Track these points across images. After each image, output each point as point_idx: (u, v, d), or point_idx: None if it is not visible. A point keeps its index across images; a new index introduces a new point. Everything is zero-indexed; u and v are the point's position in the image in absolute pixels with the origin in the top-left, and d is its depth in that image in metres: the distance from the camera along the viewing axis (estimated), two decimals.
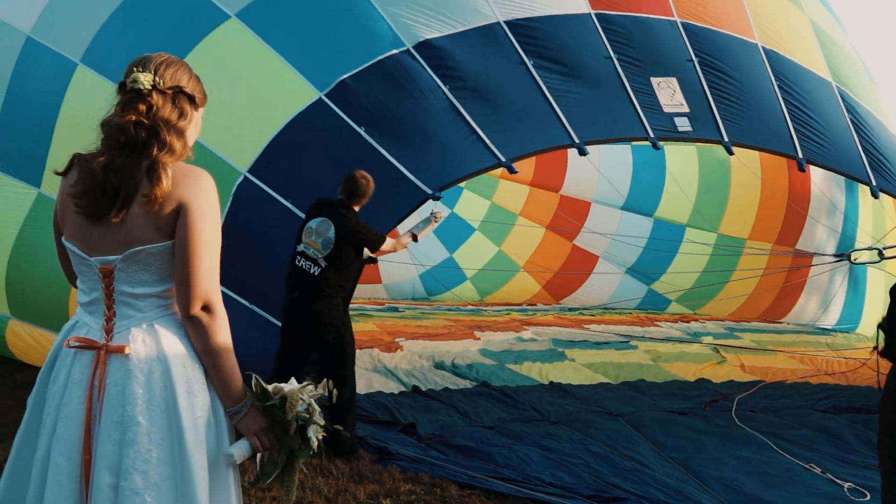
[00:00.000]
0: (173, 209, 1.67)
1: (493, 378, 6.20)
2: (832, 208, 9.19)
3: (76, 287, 1.82)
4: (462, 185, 10.95)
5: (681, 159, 9.43)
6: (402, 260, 10.77)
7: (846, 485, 3.92)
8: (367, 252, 4.23)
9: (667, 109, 5.07)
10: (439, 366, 6.61)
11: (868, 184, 5.31)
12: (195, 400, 1.69)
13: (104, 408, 1.66)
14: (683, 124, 5.00)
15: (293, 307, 3.98)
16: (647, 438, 4.63)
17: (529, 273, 11.22)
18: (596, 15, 5.34)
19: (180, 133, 1.74)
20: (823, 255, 6.60)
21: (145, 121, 1.69)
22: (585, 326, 9.67)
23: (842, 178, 8.86)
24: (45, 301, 4.73)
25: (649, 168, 9.52)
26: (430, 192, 4.46)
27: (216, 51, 4.77)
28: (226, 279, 4.61)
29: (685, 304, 10.50)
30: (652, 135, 4.94)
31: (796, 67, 5.85)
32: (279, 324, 4.21)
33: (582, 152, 4.80)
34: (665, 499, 3.66)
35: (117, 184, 1.67)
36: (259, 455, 1.76)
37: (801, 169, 5.22)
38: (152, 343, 1.69)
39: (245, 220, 4.54)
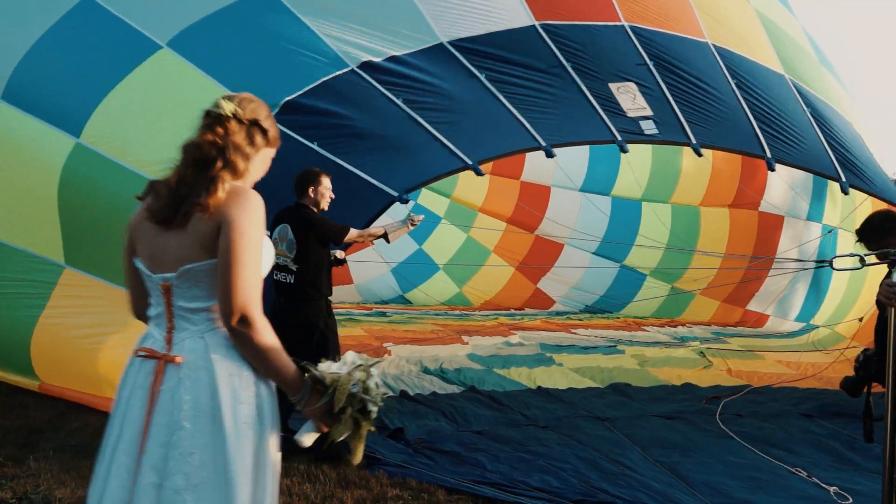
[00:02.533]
0: (217, 226, 1.81)
1: (481, 383, 6.19)
2: (795, 218, 9.30)
3: (136, 315, 2.02)
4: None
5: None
6: (371, 258, 10.85)
7: (832, 489, 3.93)
8: (336, 254, 4.22)
9: (630, 114, 5.01)
10: (427, 371, 6.59)
11: (837, 180, 5.26)
12: (240, 407, 1.81)
13: (157, 411, 1.80)
14: (649, 127, 4.95)
15: (277, 312, 3.97)
16: (635, 443, 4.63)
17: (501, 257, 11.22)
18: (541, 26, 5.24)
19: (246, 157, 1.92)
20: (805, 260, 6.63)
21: (219, 141, 1.88)
22: (573, 331, 9.70)
23: (809, 183, 9.02)
24: (104, 251, 4.58)
25: (604, 151, 9.58)
26: (395, 194, 4.35)
27: (151, 81, 4.66)
28: None
29: (660, 276, 10.56)
30: (619, 137, 4.85)
31: (750, 64, 5.77)
32: None
33: (549, 154, 4.69)
34: (652, 503, 3.65)
35: (185, 194, 1.83)
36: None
37: (771, 168, 5.15)
38: (202, 354, 1.83)
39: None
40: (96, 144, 4.58)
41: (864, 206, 7.36)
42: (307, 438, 1.88)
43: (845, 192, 5.30)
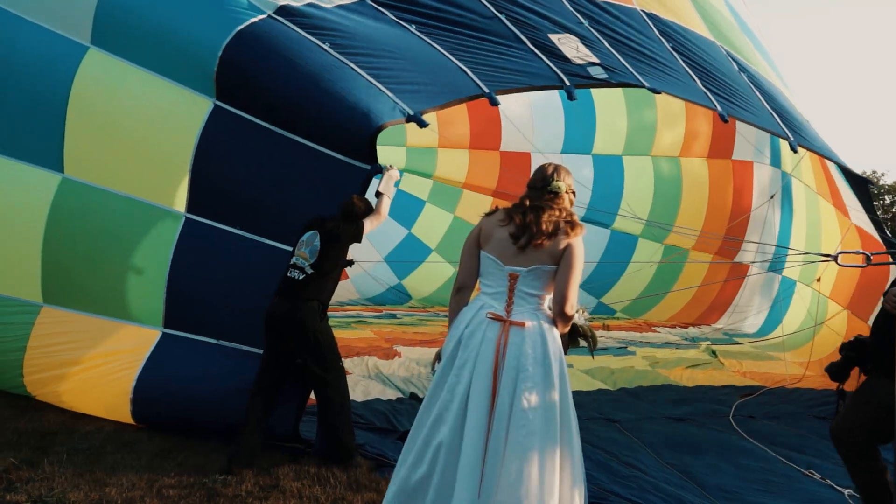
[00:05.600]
0: (564, 247, 2.85)
1: None
2: (766, 224, 9.23)
3: (461, 285, 3.01)
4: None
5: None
6: (360, 249, 10.90)
7: (846, 491, 3.90)
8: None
9: (576, 61, 4.69)
10: None
11: (787, 139, 5.22)
12: (558, 360, 2.81)
13: (507, 357, 2.76)
14: (598, 72, 4.69)
15: (271, 312, 3.99)
16: (646, 445, 4.61)
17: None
18: None
19: (568, 212, 3.00)
20: (809, 252, 6.59)
21: (561, 210, 2.97)
22: None
23: (776, 202, 8.96)
24: (89, 285, 4.53)
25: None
26: (366, 167, 4.08)
27: (95, 95, 4.43)
28: (189, 323, 4.32)
29: (650, 237, 10.49)
30: (567, 82, 4.51)
31: (682, 29, 5.65)
32: (256, 350, 4.17)
33: (493, 102, 4.25)
34: None
35: (534, 232, 2.89)
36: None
37: (724, 120, 4.98)
38: (536, 323, 2.82)
39: (198, 264, 4.31)
40: (82, 176, 4.49)
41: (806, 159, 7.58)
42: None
43: (794, 150, 5.30)
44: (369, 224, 4.15)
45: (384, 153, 11.10)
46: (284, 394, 4.04)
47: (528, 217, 2.88)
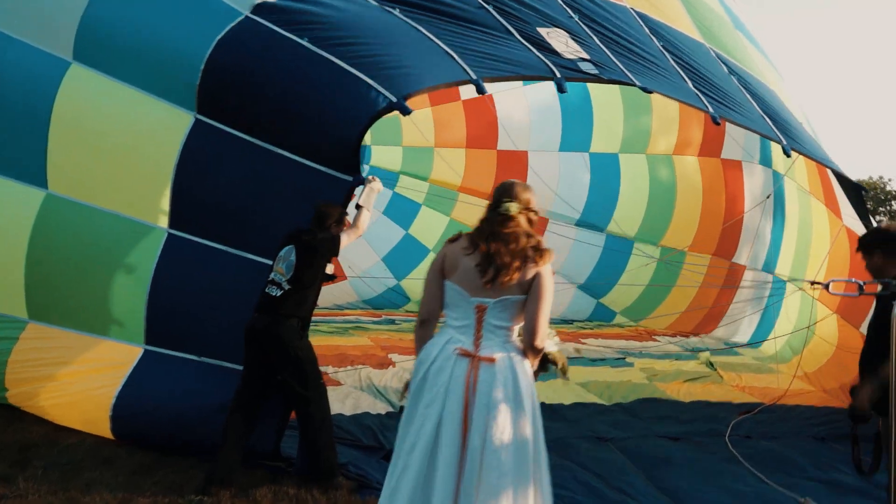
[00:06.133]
0: (532, 276, 2.72)
1: None
2: (759, 236, 9.14)
3: (424, 318, 2.83)
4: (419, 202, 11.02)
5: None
6: (359, 249, 10.88)
7: None
8: (329, 268, 4.14)
9: (566, 55, 4.51)
10: None
11: (779, 142, 5.08)
12: (529, 395, 2.70)
13: (477, 396, 2.62)
14: (589, 68, 4.50)
15: (250, 327, 3.91)
16: (638, 466, 4.51)
17: None
18: None
19: (528, 233, 2.82)
20: (797, 280, 6.48)
21: (508, 230, 2.80)
22: (582, 341, 9.56)
23: (768, 204, 8.84)
24: (72, 302, 4.45)
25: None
26: (349, 179, 3.96)
27: (76, 111, 4.35)
28: (170, 340, 4.23)
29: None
30: (558, 74, 4.29)
31: (671, 30, 5.49)
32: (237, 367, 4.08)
33: (480, 90, 4.06)
34: None
35: (499, 264, 2.74)
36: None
37: (716, 122, 4.86)
38: (506, 358, 2.68)
39: (182, 278, 4.23)
40: (65, 192, 4.41)
41: (799, 162, 7.48)
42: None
43: (787, 154, 5.17)
44: (346, 238, 4.05)
45: (381, 153, 11.12)
46: (265, 411, 3.95)
47: (492, 246, 2.73)
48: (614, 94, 9.42)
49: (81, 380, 4.38)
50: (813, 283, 3.49)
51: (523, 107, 9.74)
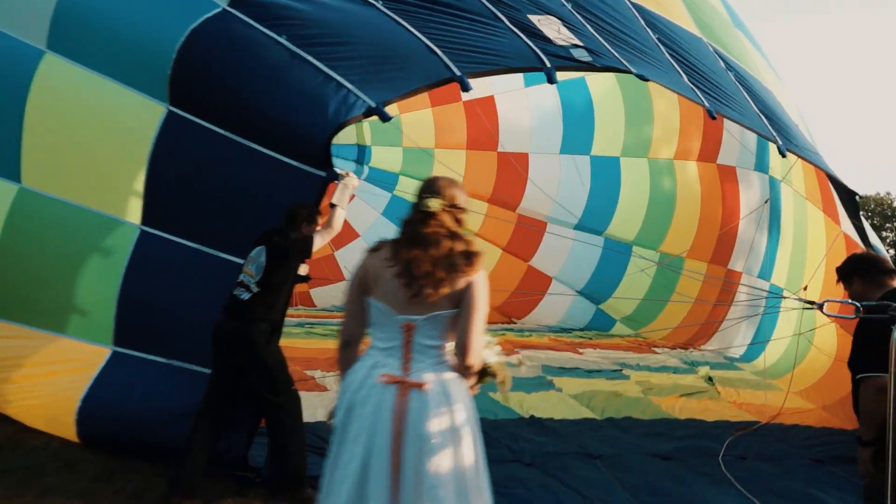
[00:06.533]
0: (463, 287, 2.37)
1: None
2: (754, 241, 8.97)
3: (346, 340, 2.49)
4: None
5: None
6: (357, 252, 10.75)
7: None
8: (303, 269, 3.97)
9: (558, 42, 4.28)
10: None
11: (775, 141, 4.89)
12: (468, 420, 2.38)
13: (408, 428, 2.30)
14: (581, 55, 4.28)
15: (217, 331, 3.74)
16: (625, 486, 4.31)
17: (485, 238, 11.05)
18: None
19: (455, 235, 2.45)
20: (790, 297, 6.28)
21: (442, 230, 2.44)
22: (580, 351, 9.38)
23: (763, 219, 8.67)
24: (41, 299, 4.31)
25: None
26: (321, 174, 3.80)
27: (51, 102, 4.21)
28: (140, 341, 4.05)
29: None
30: (548, 64, 4.07)
31: (668, 23, 5.27)
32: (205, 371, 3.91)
33: (465, 87, 3.87)
34: None
35: (420, 273, 2.39)
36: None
37: (712, 117, 4.67)
38: (439, 381, 2.36)
39: (153, 278, 4.07)
40: (39, 186, 4.26)
41: (797, 167, 7.32)
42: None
43: (783, 155, 4.97)
44: (320, 239, 3.88)
45: (381, 154, 10.98)
46: (234, 419, 3.78)
47: (411, 253, 2.37)
48: (617, 103, 9.29)
49: (48, 380, 4.22)
50: (808, 302, 3.27)
51: (525, 109, 9.60)
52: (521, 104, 9.56)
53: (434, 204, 2.41)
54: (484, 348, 2.54)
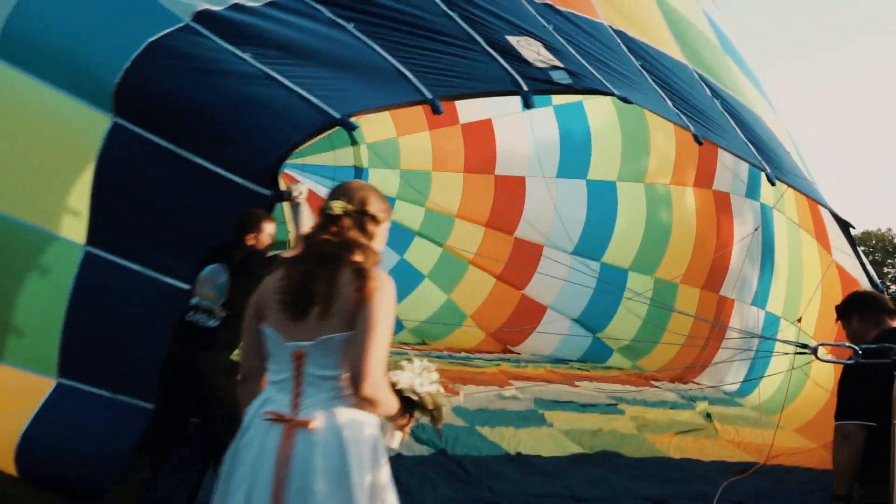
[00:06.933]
0: (357, 303, 2.00)
1: (457, 444, 5.61)
2: (746, 277, 8.75)
3: (245, 374, 2.19)
4: (413, 231, 10.78)
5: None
6: None
7: None
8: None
9: (538, 64, 4.06)
10: None
11: (763, 170, 4.67)
12: (367, 468, 1.98)
13: (291, 475, 1.93)
14: (561, 77, 4.05)
15: (170, 361, 3.48)
16: None
17: (482, 264, 10.84)
18: None
19: (362, 248, 2.09)
20: (783, 341, 6.06)
21: (335, 239, 2.08)
22: (576, 383, 9.08)
23: (757, 245, 8.44)
24: None
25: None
26: (267, 193, 3.59)
27: None
28: (85, 373, 3.81)
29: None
30: (525, 87, 3.87)
31: (651, 49, 5.07)
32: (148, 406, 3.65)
33: (435, 110, 3.69)
34: None
35: (313, 291, 2.03)
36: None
37: (699, 142, 4.47)
38: (332, 421, 1.98)
39: (99, 304, 3.84)
40: None
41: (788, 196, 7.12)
42: (397, 444, 2.23)
43: (772, 183, 4.75)
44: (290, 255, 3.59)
45: (377, 176, 10.89)
46: (181, 459, 3.51)
47: (300, 268, 2.06)
48: (614, 136, 9.18)
49: None
50: (801, 345, 3.05)
51: (522, 134, 9.48)
52: (519, 128, 9.44)
53: (336, 207, 2.09)
54: (419, 375, 2.22)
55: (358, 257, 2.05)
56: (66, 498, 3.77)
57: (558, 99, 8.99)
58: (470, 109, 9.58)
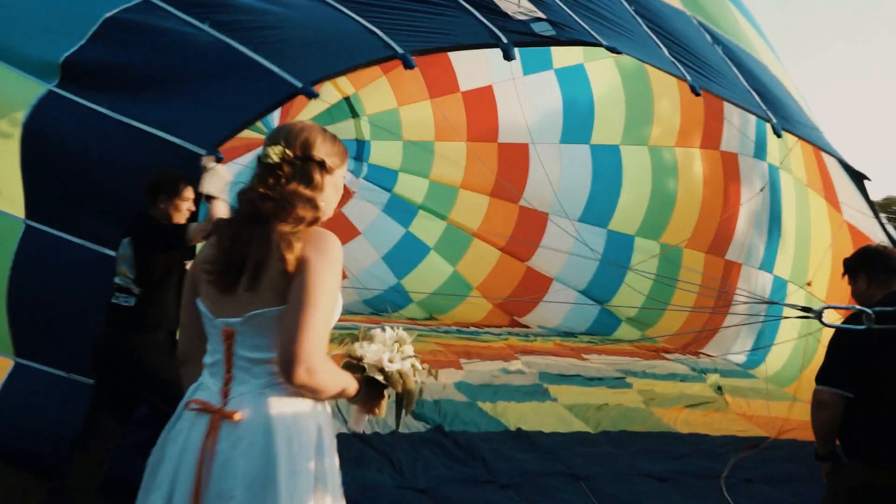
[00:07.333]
0: (292, 270, 1.67)
1: (456, 420, 5.42)
2: (752, 240, 8.48)
3: (183, 359, 1.91)
4: (417, 204, 10.56)
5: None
6: (358, 248, 10.45)
7: None
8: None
9: (518, 17, 3.85)
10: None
11: (769, 120, 4.43)
12: (299, 470, 1.68)
13: (211, 477, 1.67)
14: (544, 28, 3.83)
15: (102, 348, 3.26)
16: None
17: (487, 234, 10.63)
18: None
19: (308, 200, 1.76)
20: (786, 305, 5.79)
21: (272, 193, 1.73)
22: (585, 357, 8.86)
23: (764, 208, 8.15)
24: None
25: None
26: (202, 152, 3.37)
27: None
28: (38, 352, 3.55)
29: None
30: (505, 39, 3.68)
31: None
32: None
33: (407, 64, 3.47)
34: None
35: (243, 255, 1.71)
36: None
37: (696, 93, 4.22)
38: (262, 412, 1.69)
39: (40, 280, 3.65)
40: None
41: (796, 148, 6.79)
42: (365, 427, 2.04)
43: (778, 134, 4.51)
44: (198, 229, 3.19)
45: (406, 182, 10.73)
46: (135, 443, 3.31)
47: (230, 231, 1.76)
48: (618, 100, 8.85)
49: None
50: (804, 309, 2.78)
51: (525, 104, 9.19)
52: (522, 95, 9.16)
53: (273, 153, 1.74)
54: (389, 349, 1.90)
55: (300, 214, 1.73)
56: (35, 481, 3.62)
57: (559, 62, 8.69)
58: (470, 76, 9.32)
